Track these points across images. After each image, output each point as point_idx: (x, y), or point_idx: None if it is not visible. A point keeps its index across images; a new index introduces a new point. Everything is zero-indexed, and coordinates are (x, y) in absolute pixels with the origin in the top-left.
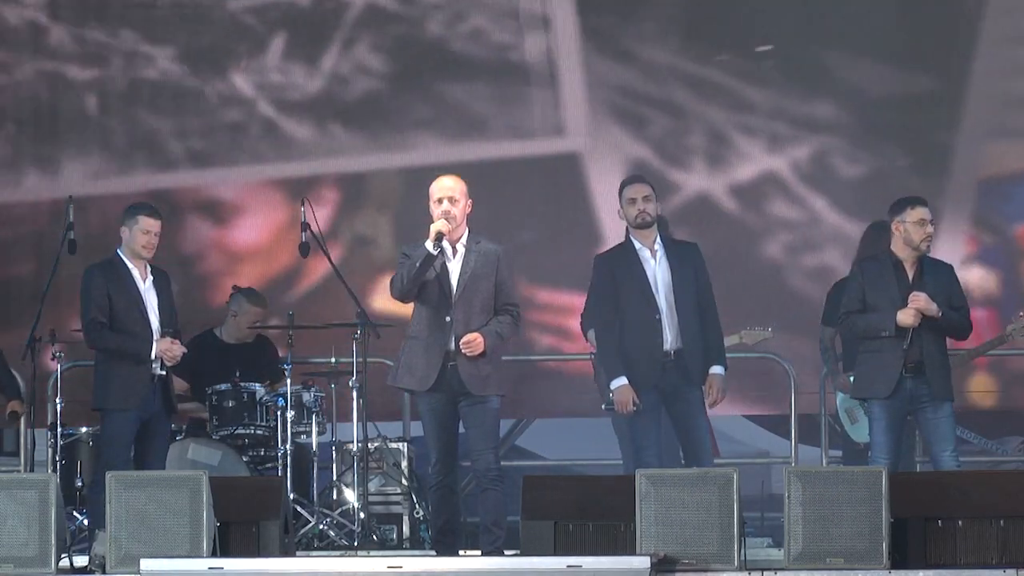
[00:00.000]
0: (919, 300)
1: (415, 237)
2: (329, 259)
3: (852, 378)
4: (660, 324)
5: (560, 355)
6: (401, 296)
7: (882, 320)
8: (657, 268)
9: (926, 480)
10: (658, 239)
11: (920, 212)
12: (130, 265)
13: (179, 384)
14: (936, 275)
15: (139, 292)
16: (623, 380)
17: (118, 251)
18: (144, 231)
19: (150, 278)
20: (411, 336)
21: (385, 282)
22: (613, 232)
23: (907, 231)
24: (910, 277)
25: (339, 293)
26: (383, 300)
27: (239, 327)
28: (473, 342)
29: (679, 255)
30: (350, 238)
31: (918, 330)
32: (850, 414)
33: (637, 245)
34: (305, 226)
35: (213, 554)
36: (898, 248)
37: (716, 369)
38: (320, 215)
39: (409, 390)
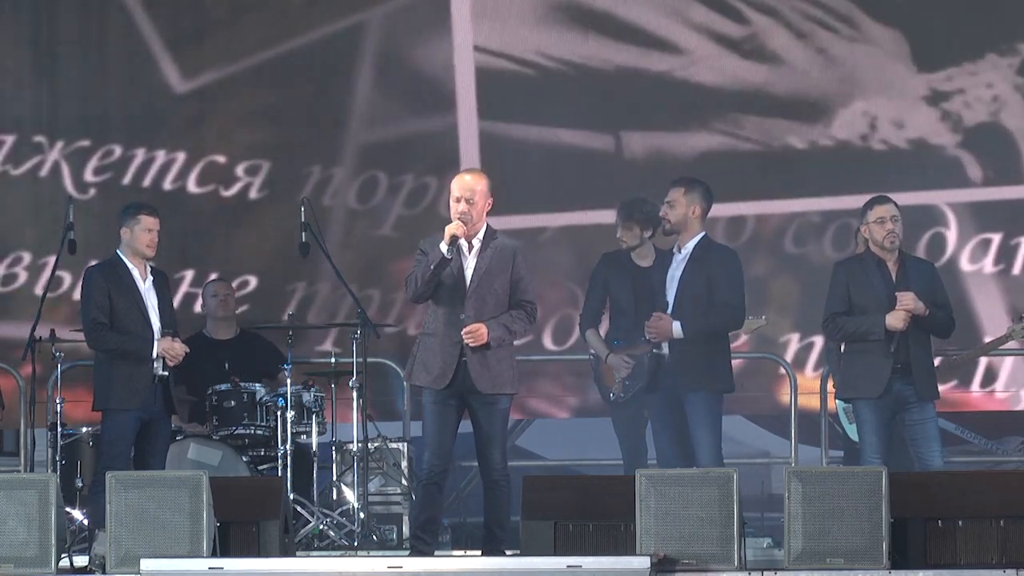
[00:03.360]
0: (907, 300)
1: None
2: (329, 259)
3: (840, 379)
4: None
5: (560, 355)
6: (415, 298)
7: (870, 324)
8: (676, 271)
9: (926, 480)
10: (695, 241)
11: (878, 211)
12: (130, 265)
13: None
14: (919, 273)
15: (140, 292)
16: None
17: (118, 251)
18: (146, 229)
19: (150, 278)
20: (426, 333)
21: None
22: None
23: (870, 231)
24: (893, 276)
25: None
26: None
27: (216, 312)
28: (475, 332)
29: (701, 259)
30: None
31: (904, 331)
32: (849, 414)
33: (675, 247)
34: (305, 226)
35: (213, 554)
36: (873, 249)
37: (675, 323)
38: None
39: (424, 387)
